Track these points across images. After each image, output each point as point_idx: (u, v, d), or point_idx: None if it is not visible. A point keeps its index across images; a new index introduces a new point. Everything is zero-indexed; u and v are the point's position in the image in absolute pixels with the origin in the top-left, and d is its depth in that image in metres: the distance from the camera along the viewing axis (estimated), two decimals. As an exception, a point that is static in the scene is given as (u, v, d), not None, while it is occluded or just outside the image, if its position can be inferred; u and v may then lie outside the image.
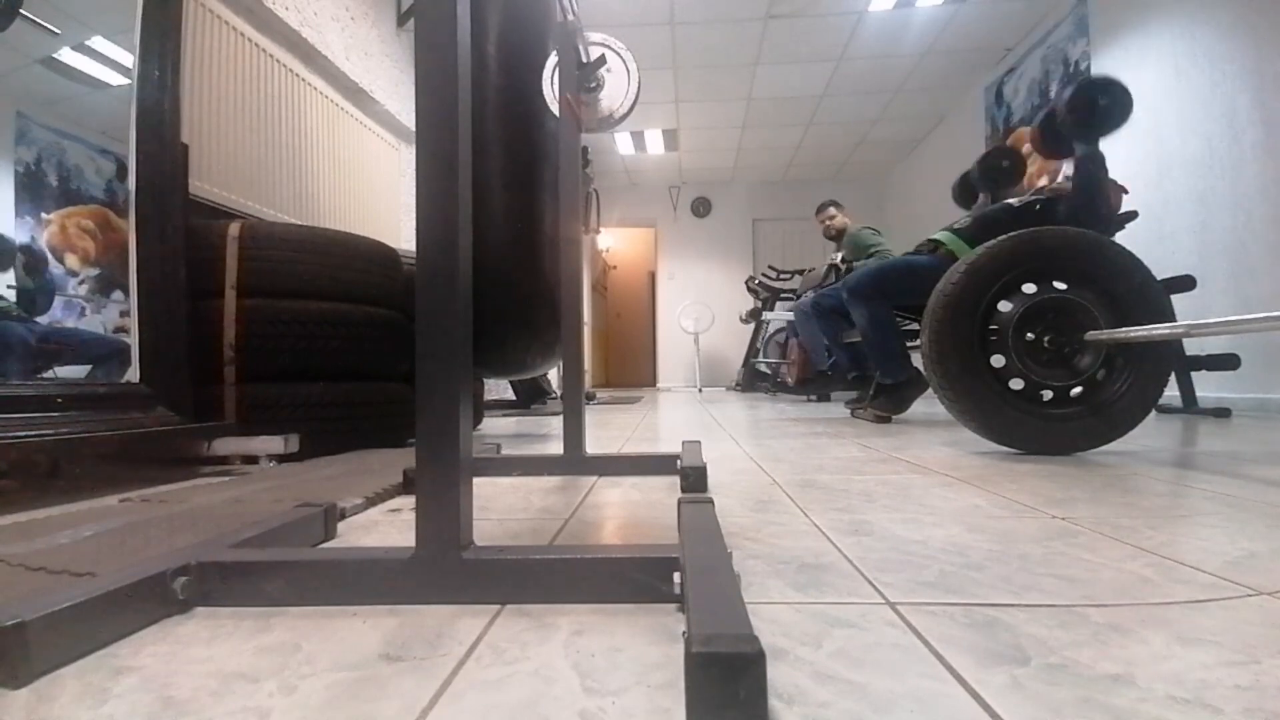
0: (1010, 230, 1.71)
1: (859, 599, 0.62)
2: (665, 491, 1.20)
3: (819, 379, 4.60)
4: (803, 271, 6.06)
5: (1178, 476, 1.31)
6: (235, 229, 1.78)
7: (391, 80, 3.82)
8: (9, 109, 1.60)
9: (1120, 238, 2.03)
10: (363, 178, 3.50)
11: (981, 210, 2.60)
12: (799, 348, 4.92)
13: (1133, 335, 1.49)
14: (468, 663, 0.50)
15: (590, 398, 5.32)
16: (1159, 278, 1.69)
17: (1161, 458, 1.58)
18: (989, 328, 1.67)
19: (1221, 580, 0.66)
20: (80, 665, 0.50)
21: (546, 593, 0.62)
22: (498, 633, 0.55)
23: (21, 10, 1.55)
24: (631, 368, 10.68)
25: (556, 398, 4.61)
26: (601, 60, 1.45)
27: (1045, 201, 2.29)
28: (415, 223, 0.64)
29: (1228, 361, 2.86)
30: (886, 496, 1.13)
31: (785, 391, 5.35)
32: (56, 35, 1.69)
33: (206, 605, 0.62)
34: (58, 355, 1.66)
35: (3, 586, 0.66)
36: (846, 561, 0.74)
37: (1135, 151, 3.82)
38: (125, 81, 1.70)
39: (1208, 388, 3.21)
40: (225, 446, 1.62)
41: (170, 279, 1.62)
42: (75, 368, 1.69)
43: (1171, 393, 2.71)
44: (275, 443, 1.61)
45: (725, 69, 5.63)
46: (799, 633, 0.54)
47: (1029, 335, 1.64)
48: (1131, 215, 2.53)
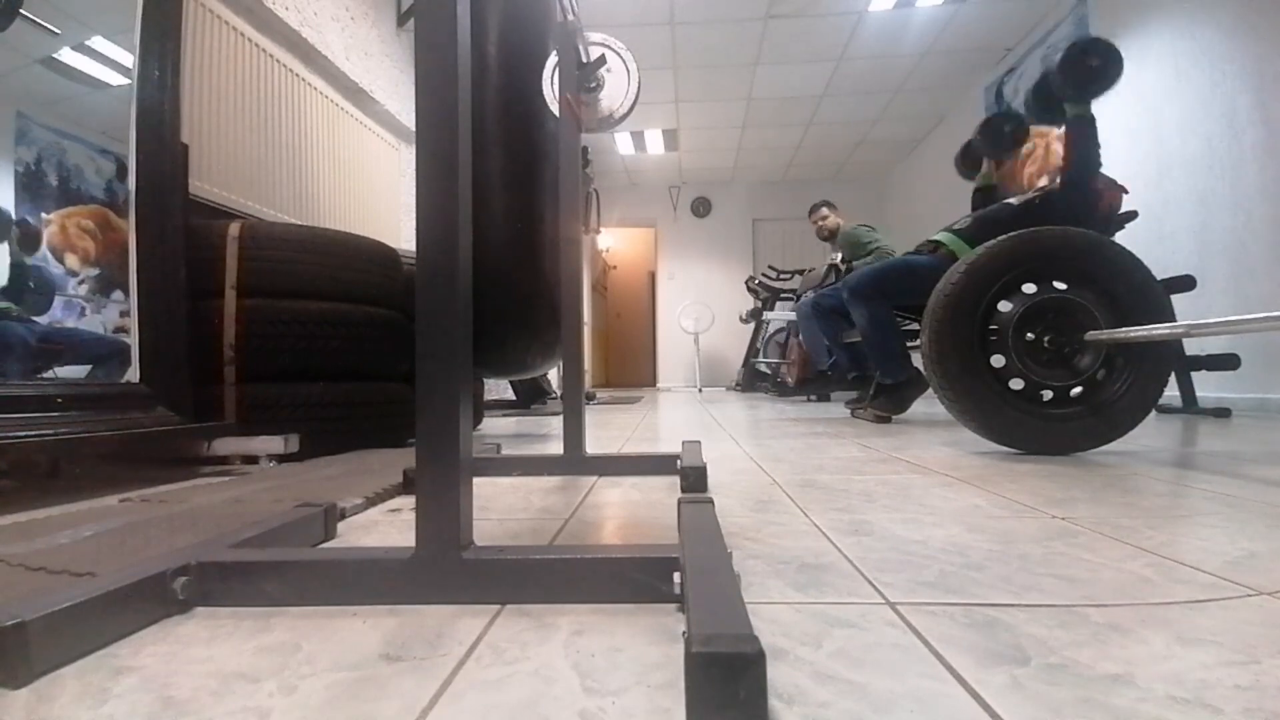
0: (1010, 230, 1.71)
1: (859, 599, 0.62)
2: (665, 491, 1.20)
3: (819, 379, 4.60)
4: (803, 271, 6.07)
5: (1178, 476, 1.31)
6: (235, 229, 1.78)
7: (391, 80, 3.82)
8: (9, 109, 1.60)
9: (1120, 238, 2.03)
10: (363, 178, 3.50)
11: (981, 210, 2.60)
12: (799, 348, 4.93)
13: (1133, 335, 1.49)
14: (468, 663, 0.50)
15: (590, 398, 5.31)
16: (1159, 278, 1.69)
17: (1161, 458, 1.58)
18: (989, 328, 1.67)
19: (1221, 580, 0.66)
20: (80, 665, 0.50)
21: (546, 593, 0.62)
22: (498, 633, 0.55)
23: (21, 10, 1.55)
24: (631, 368, 10.68)
25: (556, 398, 4.61)
26: (601, 60, 1.45)
27: (1043, 197, 2.29)
28: (415, 223, 0.64)
29: (1228, 361, 2.86)
30: (886, 496, 1.13)
31: (786, 393, 5.35)
32: (56, 35, 1.69)
33: (206, 605, 0.62)
34: (58, 355, 1.65)
35: (3, 586, 0.66)
36: (846, 561, 0.74)
37: (1135, 151, 3.83)
38: (125, 81, 1.70)
39: (1208, 388, 3.21)
40: (225, 446, 1.62)
41: (170, 279, 1.62)
42: (75, 368, 1.69)
43: (1171, 393, 2.71)
44: (275, 443, 1.61)
45: (725, 69, 5.63)
46: (799, 633, 0.54)
47: (1029, 335, 1.64)
48: (1131, 215, 2.53)
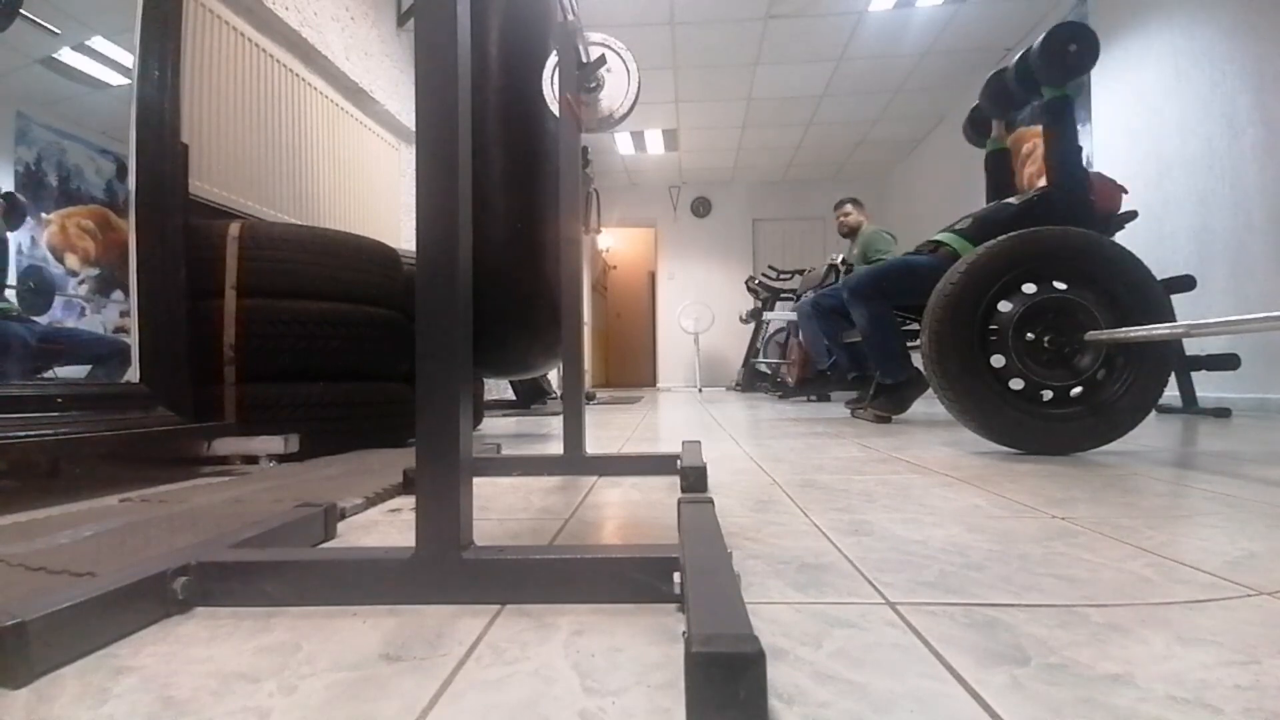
0: (1010, 229, 1.71)
1: (859, 599, 0.62)
2: (665, 491, 1.20)
3: (819, 379, 4.60)
4: (803, 271, 6.07)
5: (1178, 476, 1.31)
6: (235, 229, 1.78)
7: (391, 80, 3.82)
8: (9, 109, 1.60)
9: (1120, 238, 2.03)
10: (363, 178, 3.50)
11: (981, 210, 2.60)
12: (799, 348, 4.92)
13: (1133, 335, 1.49)
14: (468, 663, 0.50)
15: (590, 398, 5.32)
16: (1159, 278, 1.69)
17: (1161, 458, 1.58)
18: (989, 328, 1.67)
19: (1221, 580, 0.66)
20: (80, 665, 0.50)
21: (546, 593, 0.62)
22: (498, 633, 0.55)
23: (21, 10, 1.55)
24: (631, 368, 10.68)
25: (556, 398, 4.61)
26: (601, 60, 1.45)
27: (1042, 196, 2.29)
28: (415, 223, 0.64)
29: (1228, 361, 2.86)
30: (886, 496, 1.13)
31: (787, 394, 5.35)
32: (56, 35, 1.69)
33: (206, 605, 0.62)
34: (58, 355, 1.65)
35: (3, 586, 0.66)
36: (846, 561, 0.74)
37: (1135, 151, 3.82)
38: (125, 81, 1.70)
39: (1208, 388, 3.21)
40: (225, 446, 1.62)
41: (170, 279, 1.62)
42: (75, 368, 1.69)
43: (1171, 393, 2.71)
44: (275, 443, 1.61)
45: (725, 69, 5.63)
46: (799, 633, 0.54)
47: (1029, 335, 1.64)
48: (1131, 215, 2.53)
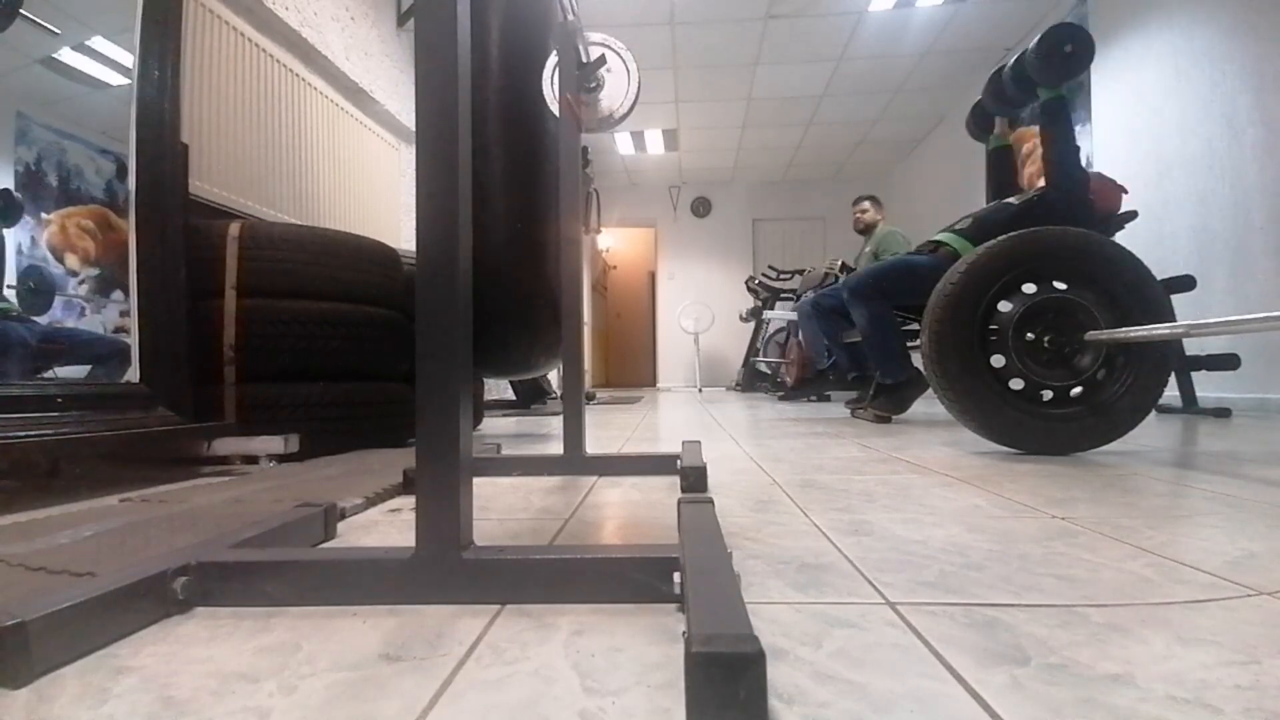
0: (1010, 230, 1.71)
1: (859, 599, 0.62)
2: (665, 491, 1.20)
3: (819, 379, 4.60)
4: (802, 271, 6.07)
5: (1178, 476, 1.31)
6: (235, 229, 1.78)
7: (391, 80, 3.82)
8: (9, 109, 1.60)
9: (1120, 238, 2.03)
10: (363, 178, 3.50)
11: (981, 210, 2.60)
12: (799, 348, 4.93)
13: (1133, 335, 1.49)
14: (468, 663, 0.50)
15: (590, 398, 5.31)
16: (1159, 278, 1.69)
17: (1161, 458, 1.58)
18: (989, 328, 1.67)
19: (1221, 580, 0.66)
20: (80, 665, 0.50)
21: (546, 593, 0.62)
22: (498, 633, 0.55)
23: (21, 10, 1.55)
24: (631, 368, 10.67)
25: (556, 398, 4.61)
26: (601, 60, 1.45)
27: (1042, 196, 2.30)
28: (415, 223, 0.64)
29: (1228, 361, 2.86)
30: (886, 496, 1.12)
31: (788, 395, 5.35)
32: (56, 35, 1.69)
33: (206, 605, 0.62)
34: (58, 355, 1.65)
35: (3, 586, 0.66)
36: (846, 561, 0.74)
37: (1135, 151, 3.82)
38: (125, 81, 1.70)
39: (1208, 388, 3.21)
40: (225, 446, 1.62)
41: (170, 279, 1.62)
42: (75, 368, 1.69)
43: (1171, 393, 2.71)
44: (275, 443, 1.61)
45: (725, 69, 5.63)
46: (799, 633, 0.54)
47: (1029, 335, 1.64)
48: (1131, 215, 2.53)
